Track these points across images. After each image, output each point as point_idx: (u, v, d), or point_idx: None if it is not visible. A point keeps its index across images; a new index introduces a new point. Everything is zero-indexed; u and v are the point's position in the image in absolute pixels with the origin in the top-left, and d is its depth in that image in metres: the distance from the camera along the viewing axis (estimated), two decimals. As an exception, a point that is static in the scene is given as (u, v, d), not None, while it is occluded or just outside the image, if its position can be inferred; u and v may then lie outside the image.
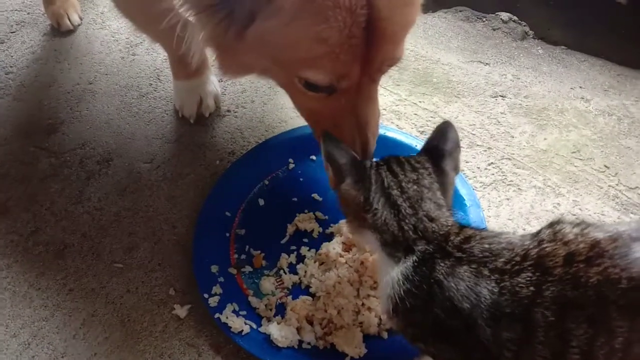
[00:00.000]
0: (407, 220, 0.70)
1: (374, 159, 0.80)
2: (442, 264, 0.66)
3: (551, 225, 0.66)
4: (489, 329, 0.62)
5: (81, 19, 1.53)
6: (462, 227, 0.71)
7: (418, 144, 1.10)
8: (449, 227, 0.70)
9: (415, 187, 0.72)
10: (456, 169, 0.78)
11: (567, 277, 0.60)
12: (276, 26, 0.69)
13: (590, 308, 0.58)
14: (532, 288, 0.61)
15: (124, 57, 1.42)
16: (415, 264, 0.67)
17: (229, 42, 0.72)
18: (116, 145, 1.23)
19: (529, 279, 0.61)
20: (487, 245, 0.66)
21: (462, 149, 1.14)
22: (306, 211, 1.04)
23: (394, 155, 0.78)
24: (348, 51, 0.69)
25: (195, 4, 0.70)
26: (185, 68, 1.18)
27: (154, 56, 1.41)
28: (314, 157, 1.12)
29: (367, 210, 0.72)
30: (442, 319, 0.65)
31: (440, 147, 0.77)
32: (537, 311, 0.60)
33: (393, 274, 0.69)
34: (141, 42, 1.44)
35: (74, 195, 1.14)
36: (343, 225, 0.98)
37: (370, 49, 0.70)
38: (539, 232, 0.66)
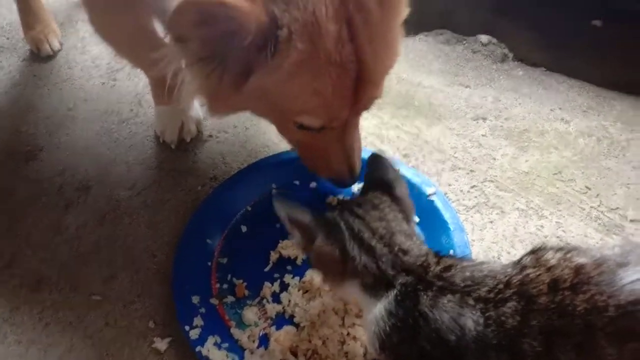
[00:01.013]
0: (384, 259, 0.69)
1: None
2: (425, 296, 0.65)
3: (533, 251, 0.65)
4: None
5: (61, 44, 1.52)
6: (441, 256, 0.71)
7: (401, 167, 1.09)
8: (425, 256, 0.70)
9: (383, 224, 0.72)
10: (406, 193, 0.79)
11: (552, 306, 0.59)
12: (275, 81, 0.73)
13: (577, 336, 0.58)
14: (517, 318, 0.60)
15: (104, 82, 1.41)
16: (398, 298, 0.67)
17: (223, 91, 0.75)
18: (96, 172, 1.21)
19: (514, 308, 0.61)
20: (468, 274, 0.66)
21: (444, 171, 1.16)
22: (290, 237, 1.02)
23: (350, 198, 0.78)
24: (340, 99, 0.76)
25: (186, 56, 0.73)
26: (167, 94, 1.17)
27: (135, 81, 1.40)
28: (297, 182, 1.11)
29: (345, 261, 0.71)
30: (428, 350, 0.64)
31: (385, 178, 0.78)
32: (525, 341, 0.59)
33: (376, 310, 0.68)
34: (122, 68, 1.43)
35: (52, 224, 1.12)
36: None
37: (357, 92, 0.77)
38: (520, 259, 0.66)
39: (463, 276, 0.66)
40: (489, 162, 1.18)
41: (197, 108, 1.26)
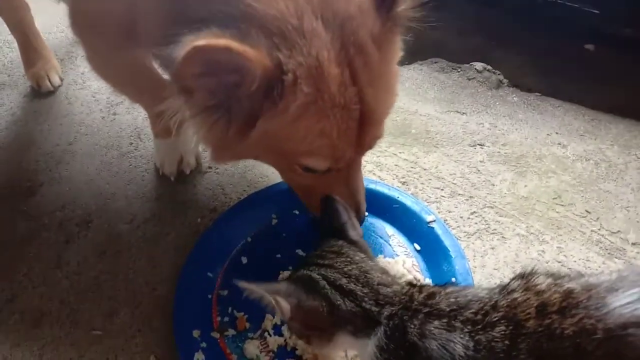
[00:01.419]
0: (366, 299, 0.70)
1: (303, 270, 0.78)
2: (412, 326, 0.65)
3: (522, 276, 0.66)
4: None
5: (62, 80, 1.54)
6: (422, 285, 0.72)
7: (400, 195, 1.10)
8: (408, 286, 0.71)
9: (354, 266, 0.73)
10: (359, 234, 0.81)
11: (540, 329, 0.59)
12: (282, 125, 0.74)
13: (567, 359, 0.58)
14: (507, 342, 0.60)
15: (104, 116, 1.43)
16: (387, 332, 0.67)
17: (229, 139, 0.76)
18: (96, 206, 1.21)
19: (503, 332, 0.61)
20: (453, 299, 0.67)
21: (443, 198, 1.16)
22: (290, 268, 1.02)
23: (312, 254, 0.78)
24: (345, 140, 0.78)
25: (191, 108, 0.74)
26: (166, 127, 1.18)
27: (135, 115, 1.42)
28: (297, 212, 1.11)
29: (332, 312, 0.71)
30: None
31: (338, 223, 0.80)
32: None
33: (369, 348, 0.68)
34: (122, 102, 1.45)
35: (53, 259, 1.12)
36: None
37: (361, 133, 0.79)
38: (508, 284, 0.66)
39: (448, 302, 0.67)
40: (488, 188, 1.19)
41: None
